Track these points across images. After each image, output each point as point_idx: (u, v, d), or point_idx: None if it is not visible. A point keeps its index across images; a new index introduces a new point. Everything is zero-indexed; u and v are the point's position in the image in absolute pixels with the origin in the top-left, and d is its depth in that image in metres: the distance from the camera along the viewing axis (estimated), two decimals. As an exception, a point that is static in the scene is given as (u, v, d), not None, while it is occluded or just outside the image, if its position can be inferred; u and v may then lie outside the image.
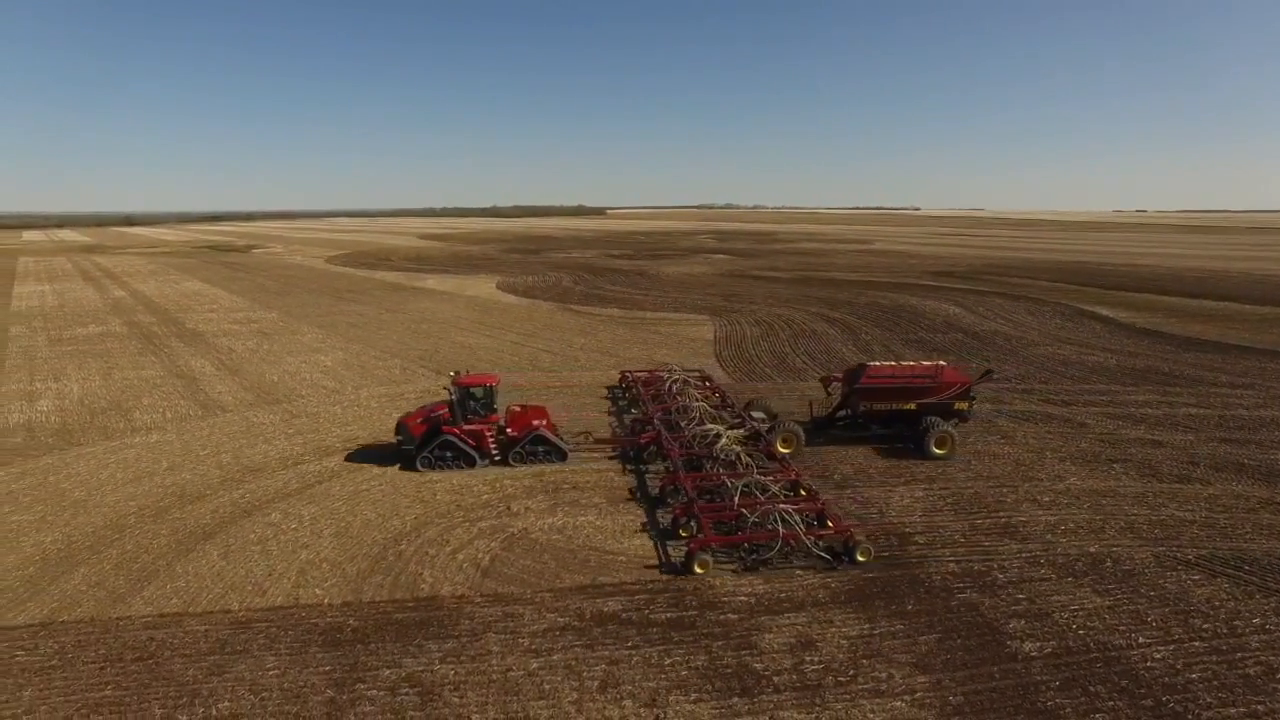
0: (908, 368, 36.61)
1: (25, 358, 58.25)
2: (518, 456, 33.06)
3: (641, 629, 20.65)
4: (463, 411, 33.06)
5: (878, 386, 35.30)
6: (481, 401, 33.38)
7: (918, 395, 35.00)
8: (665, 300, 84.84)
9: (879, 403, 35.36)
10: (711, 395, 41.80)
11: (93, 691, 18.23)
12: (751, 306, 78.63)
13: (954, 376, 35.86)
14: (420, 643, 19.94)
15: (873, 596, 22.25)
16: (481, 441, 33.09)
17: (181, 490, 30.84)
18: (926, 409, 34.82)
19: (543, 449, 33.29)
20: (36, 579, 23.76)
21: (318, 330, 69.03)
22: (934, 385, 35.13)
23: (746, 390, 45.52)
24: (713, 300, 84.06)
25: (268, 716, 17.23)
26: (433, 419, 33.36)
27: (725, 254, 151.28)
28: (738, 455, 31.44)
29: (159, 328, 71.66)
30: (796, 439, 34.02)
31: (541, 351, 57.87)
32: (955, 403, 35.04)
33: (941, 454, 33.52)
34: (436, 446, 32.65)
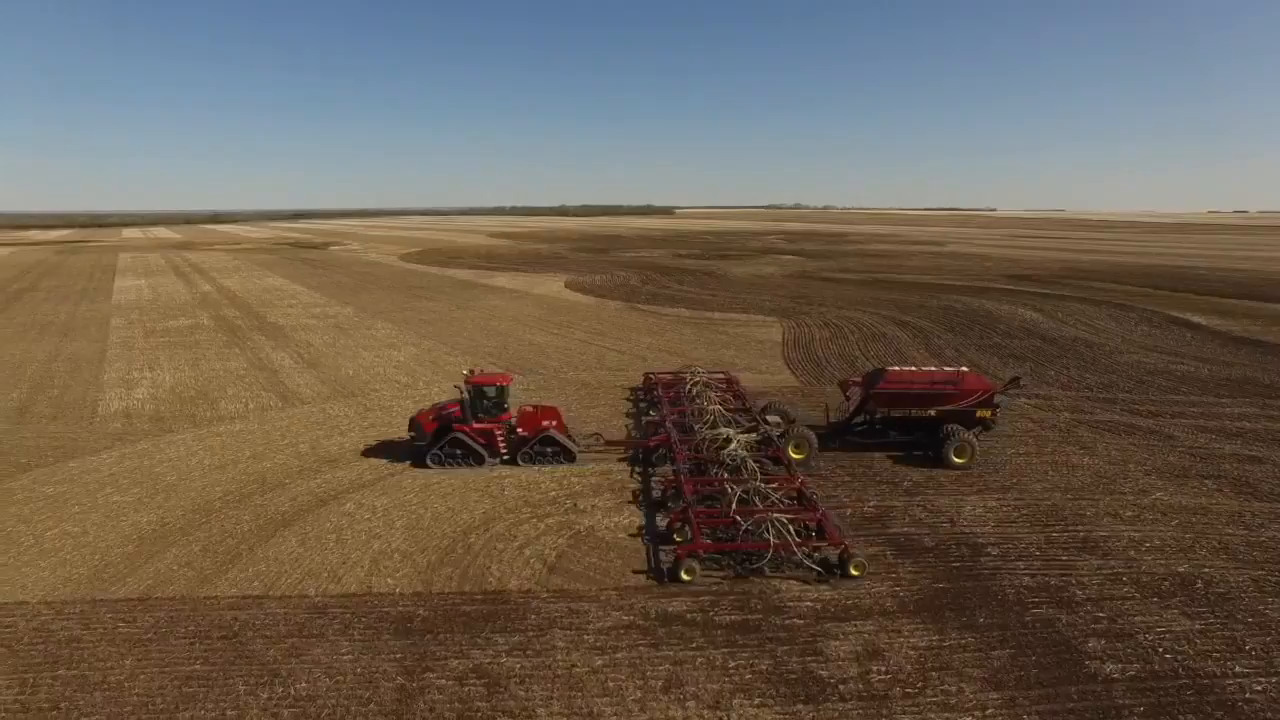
0: (928, 373, 35.58)
1: (124, 348, 61.67)
2: (526, 457, 33.16)
3: (706, 631, 20.61)
4: (474, 410, 33.39)
5: (896, 392, 34.24)
6: (493, 401, 33.67)
7: (938, 402, 33.88)
8: (733, 301, 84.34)
9: (897, 409, 34.25)
10: (731, 398, 40.89)
11: (184, 665, 19.21)
12: (820, 308, 77.55)
13: (976, 383, 34.60)
14: (488, 635, 20.34)
15: (942, 608, 21.69)
16: (491, 440, 33.31)
17: (263, 478, 32.18)
18: (947, 416, 33.73)
19: (551, 450, 33.28)
20: (134, 556, 25.19)
21: (391, 326, 71.04)
22: (955, 392, 33.95)
23: (817, 394, 44.94)
24: (781, 302, 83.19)
25: (341, 699, 17.84)
26: (444, 416, 33.75)
27: (794, 255, 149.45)
28: (742, 461, 30.85)
29: (242, 321, 74.88)
30: (809, 445, 33.27)
31: (609, 350, 58.27)
32: (978, 410, 33.83)
33: (961, 463, 32.41)
34: (447, 444, 33.07)
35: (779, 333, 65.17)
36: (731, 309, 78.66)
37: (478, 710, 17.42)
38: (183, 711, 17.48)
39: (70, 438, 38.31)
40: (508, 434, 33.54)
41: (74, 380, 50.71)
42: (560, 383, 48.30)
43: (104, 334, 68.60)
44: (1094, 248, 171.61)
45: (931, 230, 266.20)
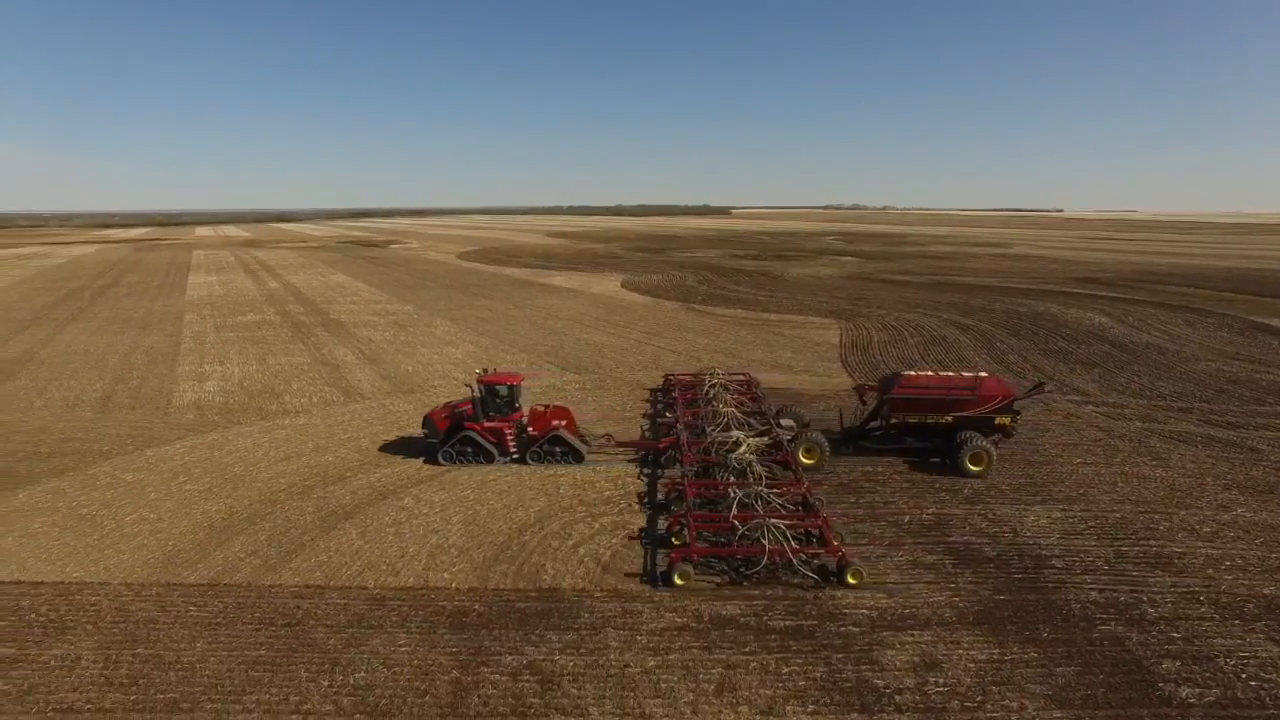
0: (945, 378, 34.44)
1: (196, 342, 64.17)
2: (535, 456, 33.37)
3: (759, 635, 20.42)
4: (485, 409, 33.67)
5: (911, 397, 33.35)
6: (505, 400, 33.89)
7: (954, 408, 32.97)
8: (790, 302, 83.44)
9: (912, 414, 33.43)
10: (748, 400, 40.20)
11: (249, 650, 19.86)
12: (879, 311, 76.18)
13: (996, 389, 33.37)
14: (541, 632, 20.51)
15: (1004, 620, 21.04)
16: (501, 439, 33.63)
17: (325, 471, 33.07)
18: (964, 423, 32.87)
19: (560, 450, 33.40)
20: (204, 543, 26.17)
21: (449, 323, 72.29)
22: (972, 398, 32.94)
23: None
24: (839, 303, 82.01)
25: (398, 690, 18.19)
26: (457, 415, 34.18)
27: (852, 256, 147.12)
28: (748, 465, 30.38)
29: (306, 317, 77.13)
30: (820, 450, 32.69)
31: (664, 351, 58.23)
32: (996, 417, 32.92)
33: (977, 471, 31.44)
34: (458, 441, 33.55)
35: (836, 335, 64.25)
36: (788, 310, 77.85)
37: (531, 706, 17.58)
38: (249, 694, 18.07)
39: (147, 427, 40.04)
40: (518, 433, 33.86)
41: (151, 372, 52.96)
42: (615, 382, 48.46)
43: (178, 328, 71.49)
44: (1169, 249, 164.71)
45: (995, 231, 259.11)
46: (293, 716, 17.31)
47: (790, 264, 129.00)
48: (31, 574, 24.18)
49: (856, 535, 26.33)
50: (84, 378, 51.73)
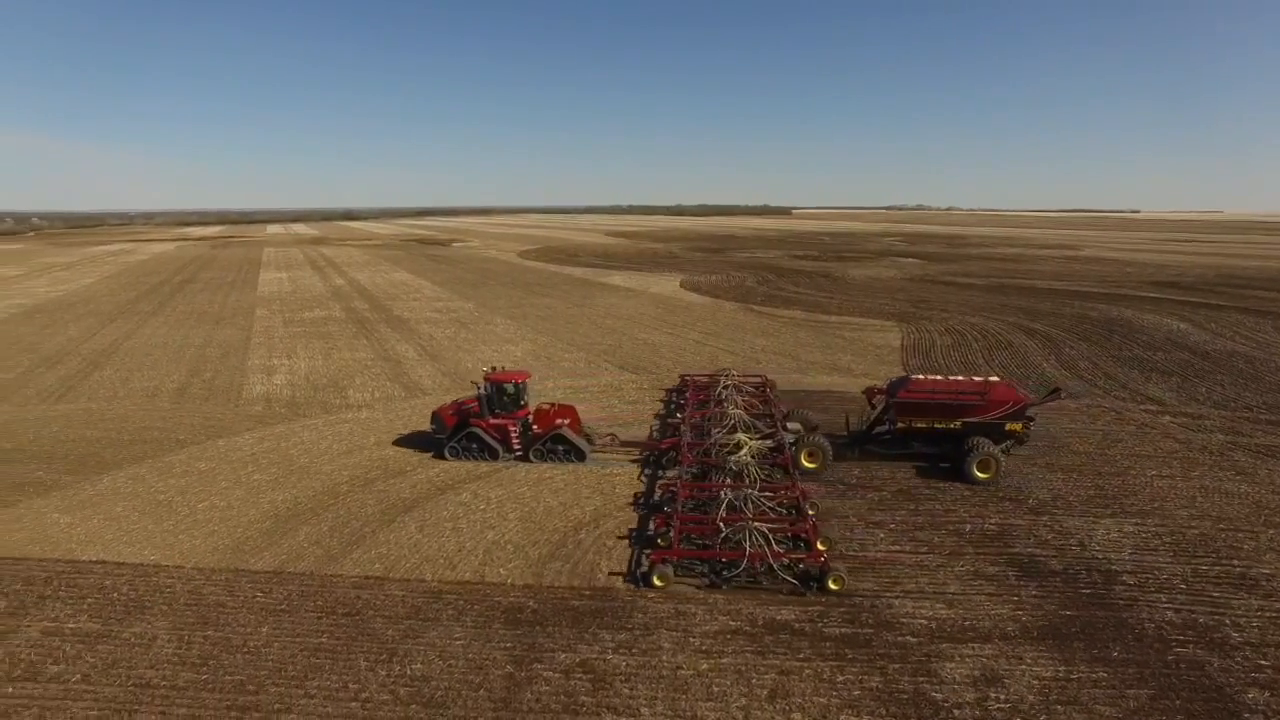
0: (953, 383, 33.67)
1: (265, 336, 66.45)
2: (538, 453, 33.80)
3: (814, 641, 20.11)
4: (491, 406, 34.26)
5: (917, 401, 32.72)
6: (511, 398, 34.46)
7: (962, 413, 32.23)
8: (850, 304, 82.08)
9: (918, 419, 32.75)
10: (759, 403, 39.78)
11: (311, 637, 20.44)
12: (942, 314, 74.36)
13: (1006, 395, 32.47)
14: (595, 631, 20.58)
15: (1070, 637, 20.25)
16: (506, 435, 34.17)
17: (386, 465, 33.84)
18: (973, 428, 32.09)
19: (563, 448, 33.72)
20: (271, 532, 27.05)
21: (509, 321, 73.25)
22: (981, 403, 32.16)
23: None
24: (900, 306, 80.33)
25: (454, 682, 18.47)
26: (464, 411, 34.86)
27: (915, 258, 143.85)
28: (744, 467, 30.13)
29: (370, 313, 79.10)
30: (823, 454, 32.21)
31: (722, 351, 57.91)
32: (1007, 423, 32.08)
33: (984, 478, 30.69)
34: (464, 437, 34.23)
35: (898, 338, 62.94)
36: (848, 312, 76.60)
37: (583, 705, 17.65)
38: (311, 680, 18.59)
39: (219, 418, 41.62)
40: (523, 430, 34.47)
41: (223, 365, 55.04)
42: (672, 382, 48.35)
43: (249, 323, 74.13)
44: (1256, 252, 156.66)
45: (1065, 234, 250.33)
46: (352, 704, 17.74)
47: (851, 265, 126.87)
48: (114, 555, 25.39)
49: (915, 544, 25.74)
50: (162, 369, 54.05)
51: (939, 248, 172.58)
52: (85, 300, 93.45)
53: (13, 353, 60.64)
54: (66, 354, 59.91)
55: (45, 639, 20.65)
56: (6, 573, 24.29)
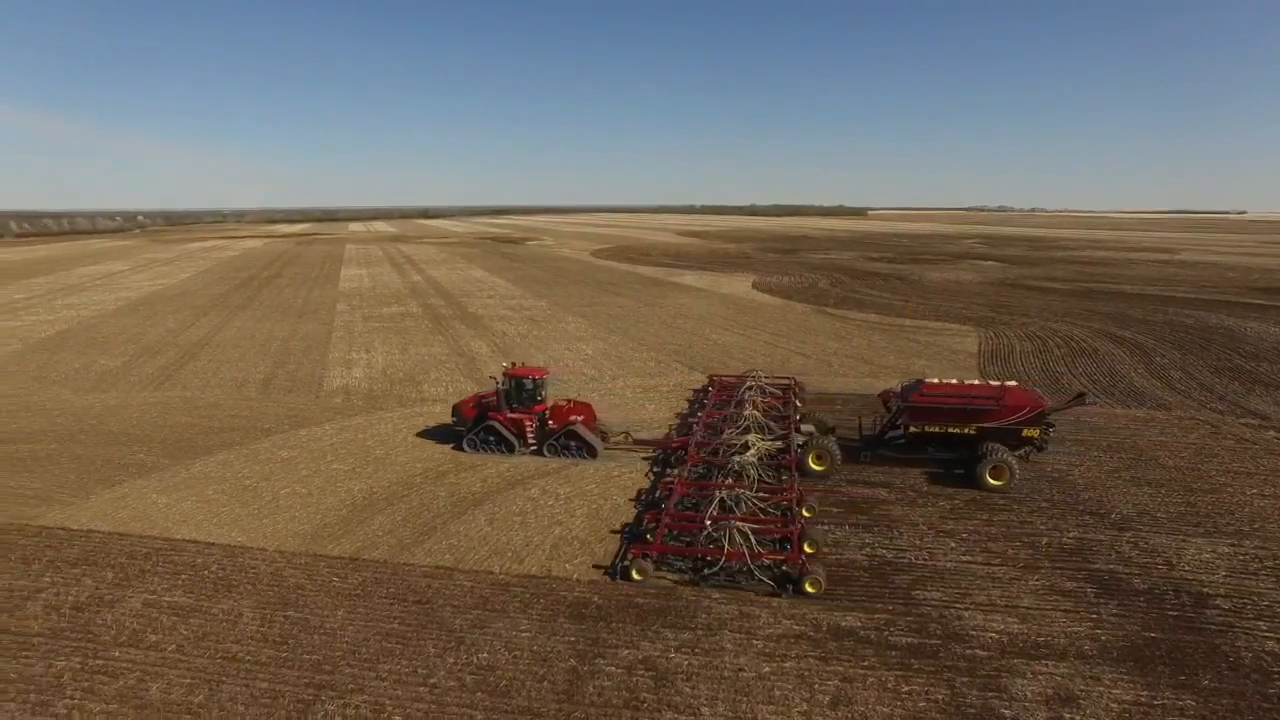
0: (967, 387, 33.11)
1: (345, 331, 68.97)
2: (551, 448, 34.53)
3: (879, 650, 19.81)
4: (509, 400, 35.09)
5: (930, 406, 32.27)
6: (528, 393, 35.31)
7: (976, 418, 31.69)
8: (926, 308, 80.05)
9: (931, 423, 32.26)
10: (779, 405, 39.96)
11: (383, 623, 21.21)
12: (1023, 319, 71.82)
13: (1022, 400, 31.80)
14: (658, 630, 20.74)
15: (1154, 660, 19.37)
16: (522, 429, 35.02)
17: (457, 459, 34.74)
18: (988, 434, 31.50)
19: (575, 443, 34.36)
20: (348, 520, 28.15)
21: (581, 320, 74.11)
22: (996, 408, 31.52)
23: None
24: (979, 310, 77.92)
25: (518, 673, 18.90)
26: (483, 405, 35.98)
27: (995, 261, 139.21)
28: (744, 467, 30.31)
29: (446, 310, 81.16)
30: (831, 456, 32.00)
31: (794, 354, 57.34)
32: (1024, 429, 31.39)
33: (997, 485, 30.10)
34: (482, 429, 35.13)
35: (975, 343, 61.05)
36: (924, 316, 74.72)
37: (644, 701, 17.83)
38: (383, 663, 19.31)
39: (301, 408, 43.44)
40: (539, 425, 35.20)
41: (306, 358, 57.40)
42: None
43: (330, 317, 77.04)
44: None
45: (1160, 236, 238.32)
46: (420, 689, 18.35)
47: (927, 268, 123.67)
48: (205, 535, 26.89)
49: (988, 554, 25.04)
50: (250, 361, 56.72)
51: (1021, 250, 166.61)
52: (182, 294, 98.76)
53: (119, 343, 64.62)
54: (165, 345, 63.48)
55: (145, 609, 22.05)
56: (114, 546, 26.06)
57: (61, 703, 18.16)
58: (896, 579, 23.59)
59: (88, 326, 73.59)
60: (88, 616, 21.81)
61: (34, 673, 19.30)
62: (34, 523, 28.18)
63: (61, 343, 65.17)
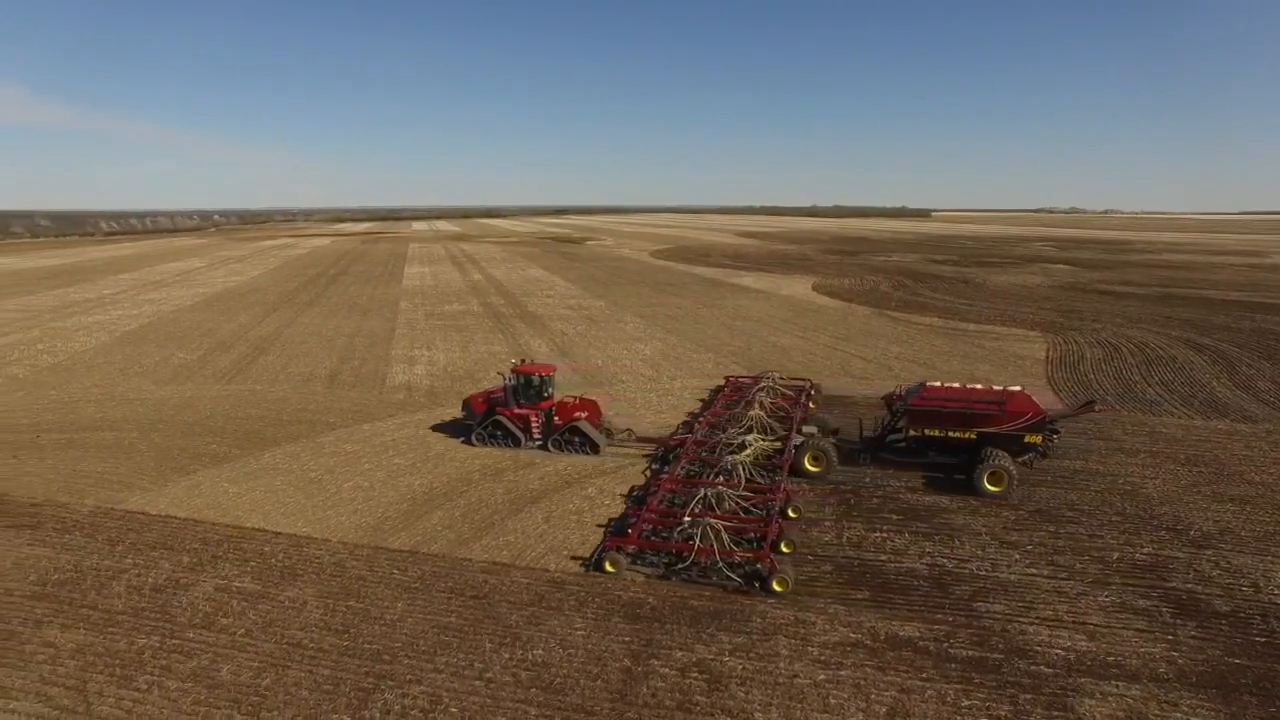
0: (969, 391, 32.92)
1: (408, 328, 70.57)
2: (556, 443, 35.40)
3: (939, 662, 19.35)
4: (515, 396, 35.95)
5: (930, 409, 31.99)
6: (536, 389, 36.07)
7: (977, 423, 31.33)
8: (992, 312, 77.81)
9: (931, 427, 31.96)
10: (789, 406, 39.91)
11: (441, 616, 21.62)
12: (1094, 325, 69.25)
13: (1025, 405, 31.34)
14: (712, 632, 20.66)
15: (1239, 689, 18.33)
16: (528, 425, 35.93)
17: (515, 457, 35.18)
18: (989, 439, 31.02)
19: (579, 439, 35.10)
20: (408, 514, 28.79)
21: (639, 320, 74.33)
22: (997, 413, 31.13)
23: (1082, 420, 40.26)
24: (1047, 315, 75.41)
25: (572, 671, 19.05)
26: (492, 400, 36.95)
27: (1066, 264, 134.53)
28: (734, 466, 30.39)
29: (506, 309, 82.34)
30: (826, 458, 32.05)
31: (854, 357, 56.47)
32: (1026, 435, 30.94)
33: (995, 491, 29.66)
34: (490, 424, 36.14)
35: (1043, 349, 59.10)
36: (989, 321, 72.68)
37: (697, 704, 17.78)
38: (440, 656, 19.68)
39: (365, 404, 44.60)
40: (544, 421, 36.04)
41: (370, 354, 58.93)
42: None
43: (394, 315, 78.92)
44: None
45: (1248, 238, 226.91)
46: (476, 682, 18.65)
47: (993, 271, 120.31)
48: (273, 524, 27.85)
49: (1054, 568, 24.22)
50: (316, 356, 58.50)
51: (1094, 254, 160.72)
52: (254, 290, 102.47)
53: (194, 337, 67.41)
54: (237, 339, 65.95)
55: (217, 594, 22.97)
56: (188, 533, 27.23)
57: (142, 678, 19.04)
58: (957, 589, 23.03)
59: (167, 321, 76.97)
60: (165, 598, 22.82)
61: (119, 648, 20.32)
62: (119, 507, 29.66)
63: (144, 336, 68.32)
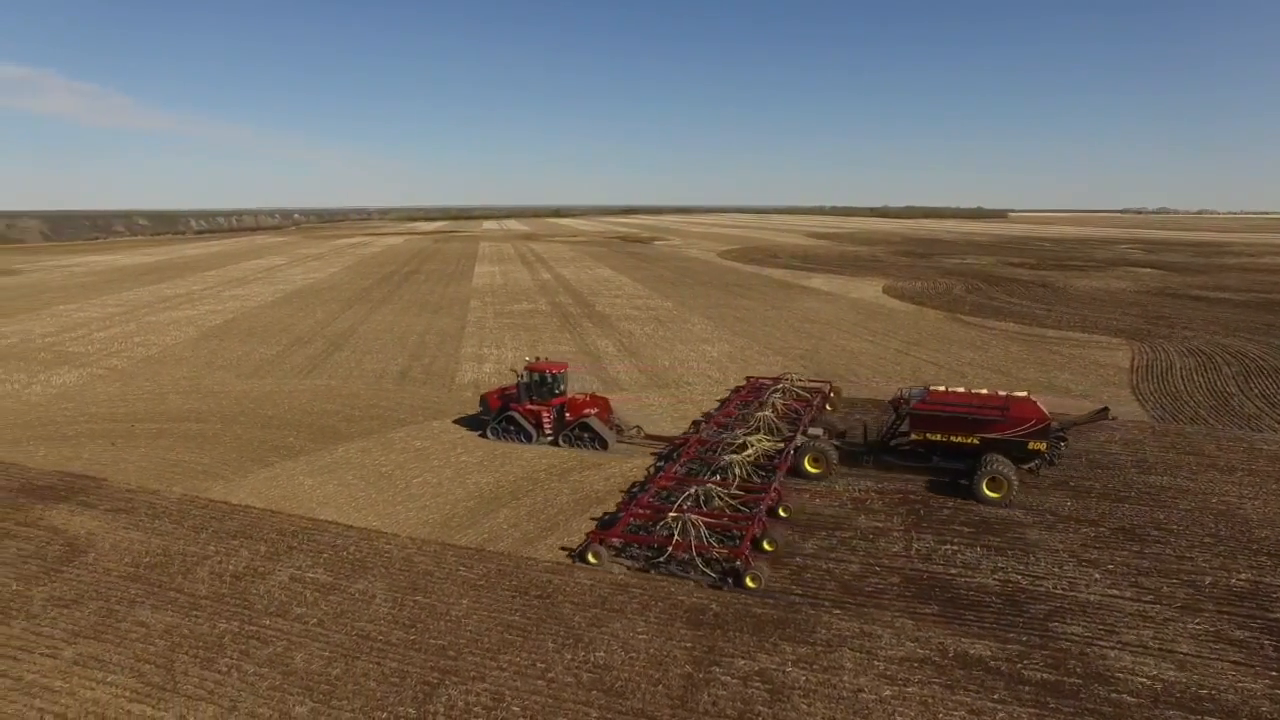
0: (973, 396, 32.85)
1: (477, 327, 71.88)
2: (566, 439, 36.46)
3: (1011, 684, 18.61)
4: (528, 393, 37.25)
5: (932, 413, 32.00)
6: (548, 386, 37.26)
7: (980, 428, 31.18)
8: (1072, 318, 74.70)
9: (933, 431, 31.98)
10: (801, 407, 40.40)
11: (506, 614, 21.89)
12: (1185, 332, 65.80)
13: (1028, 412, 30.98)
14: (775, 642, 20.37)
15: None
16: (539, 421, 37.00)
17: (581, 457, 35.42)
18: (991, 445, 30.82)
19: (588, 435, 36.07)
20: (475, 511, 29.29)
21: (706, 321, 74.02)
22: (1001, 419, 30.94)
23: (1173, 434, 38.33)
24: (1133, 321, 71.99)
25: (634, 675, 19.02)
26: (506, 396, 38.31)
27: (1153, 268, 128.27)
28: (729, 465, 31.03)
29: (574, 308, 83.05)
30: (826, 460, 32.33)
31: (925, 363, 55.00)
32: (1030, 442, 30.68)
33: (994, 498, 29.39)
34: (504, 419, 37.33)
35: (1127, 357, 56.42)
36: (1069, 327, 69.78)
37: (758, 715, 17.53)
38: (503, 654, 19.92)
39: (434, 401, 45.59)
40: (556, 417, 37.12)
41: (440, 352, 60.23)
42: (870, 392, 46.61)
43: (464, 313, 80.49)
44: None
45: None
46: (538, 681, 18.80)
47: (1074, 275, 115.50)
48: (345, 517, 28.70)
49: (1138, 590, 23.03)
50: (389, 353, 60.11)
51: (1185, 257, 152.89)
52: (330, 287, 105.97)
53: (274, 332, 70.12)
54: (314, 335, 68.30)
55: (291, 583, 23.78)
56: (266, 523, 28.31)
57: (223, 660, 19.86)
58: (1032, 608, 22.15)
59: (250, 316, 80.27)
60: (244, 585, 23.75)
61: (201, 631, 21.25)
62: (203, 495, 31.05)
63: (227, 331, 71.42)
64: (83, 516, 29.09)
